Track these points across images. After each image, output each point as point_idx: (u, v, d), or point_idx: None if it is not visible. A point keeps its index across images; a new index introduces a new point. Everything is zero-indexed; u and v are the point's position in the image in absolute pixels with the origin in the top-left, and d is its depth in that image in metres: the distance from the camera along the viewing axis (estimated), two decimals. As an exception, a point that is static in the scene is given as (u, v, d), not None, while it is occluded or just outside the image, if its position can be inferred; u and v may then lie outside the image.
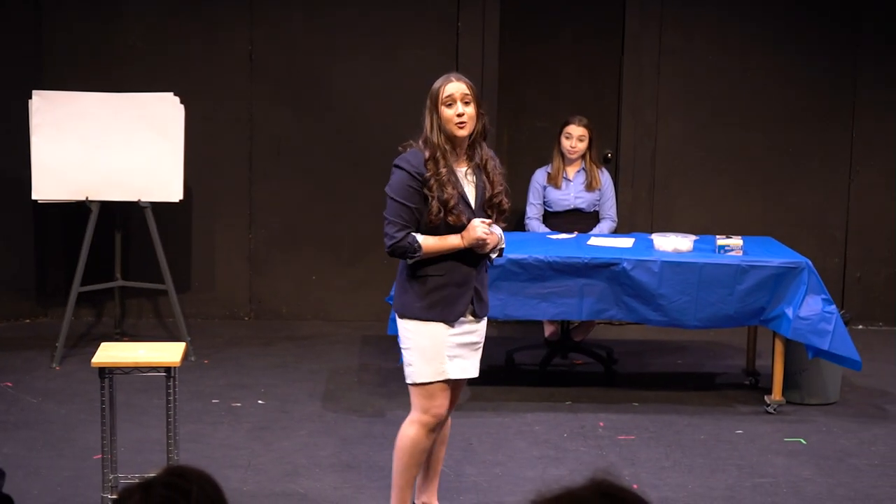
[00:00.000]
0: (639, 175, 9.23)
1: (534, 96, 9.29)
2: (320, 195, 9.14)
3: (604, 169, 8.13)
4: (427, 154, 4.90)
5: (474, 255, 4.95)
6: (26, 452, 6.17)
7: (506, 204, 5.04)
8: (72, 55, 8.84)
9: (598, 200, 8.01)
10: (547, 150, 8.14)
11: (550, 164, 8.05)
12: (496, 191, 4.99)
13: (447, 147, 4.89)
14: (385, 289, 7.60)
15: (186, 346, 5.62)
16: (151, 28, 8.93)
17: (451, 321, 4.98)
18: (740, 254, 7.00)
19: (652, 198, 9.25)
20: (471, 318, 5.05)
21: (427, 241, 4.89)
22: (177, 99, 7.93)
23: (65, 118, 7.80)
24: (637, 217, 9.15)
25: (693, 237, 7.21)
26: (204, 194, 8.99)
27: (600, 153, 8.59)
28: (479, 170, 4.99)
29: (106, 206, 8.04)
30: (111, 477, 5.34)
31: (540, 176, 8.09)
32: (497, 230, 4.98)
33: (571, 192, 7.99)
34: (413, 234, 4.89)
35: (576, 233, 7.67)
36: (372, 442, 6.40)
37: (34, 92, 7.83)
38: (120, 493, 2.04)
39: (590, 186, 7.97)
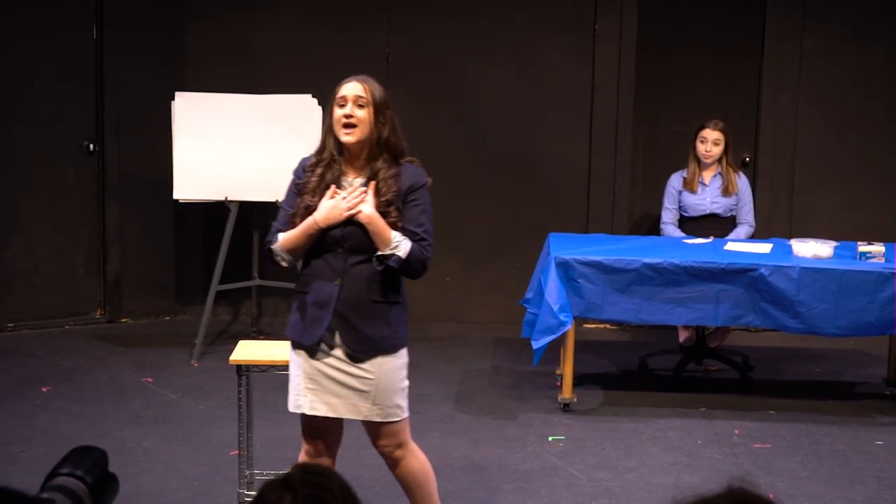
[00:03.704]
0: (777, 180, 9.08)
1: (671, 100, 9.20)
2: (454, 197, 9.15)
3: (741, 173, 8.01)
4: (314, 159, 4.61)
5: (344, 276, 4.46)
6: (166, 447, 6.30)
7: (391, 218, 4.44)
8: (213, 58, 9.00)
9: (735, 205, 7.90)
10: (684, 155, 8.05)
11: (686, 169, 7.97)
12: (380, 200, 4.44)
13: (334, 152, 4.53)
14: (519, 291, 7.61)
15: (321, 345, 5.66)
16: (290, 30, 9.05)
17: (305, 345, 4.51)
18: (882, 261, 6.84)
19: (791, 203, 9.10)
20: (341, 353, 4.48)
21: (286, 234, 4.52)
22: (315, 101, 8.01)
23: (206, 119, 7.94)
24: (775, 222, 9.00)
25: (833, 243, 7.06)
26: (340, 195, 9.06)
27: (737, 157, 8.47)
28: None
29: (244, 206, 8.16)
30: (247, 473, 5.43)
31: (675, 180, 8.00)
32: (399, 237, 4.42)
33: (708, 197, 7.89)
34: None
35: (712, 237, 7.57)
36: (504, 444, 6.40)
37: (177, 94, 7.99)
38: (262, 489, 2.05)
39: (726, 191, 7.86)
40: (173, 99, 7.96)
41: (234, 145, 7.94)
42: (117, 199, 8.93)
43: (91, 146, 8.85)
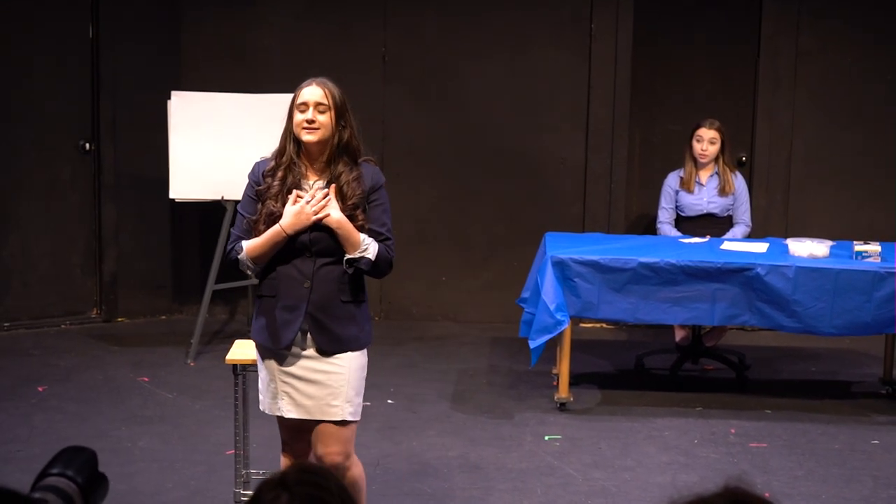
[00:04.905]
0: (774, 179, 9.08)
1: (667, 99, 9.20)
2: (452, 196, 9.16)
3: (737, 173, 8.01)
4: (272, 163, 4.59)
5: (314, 278, 4.43)
6: (161, 446, 6.29)
7: (359, 221, 4.45)
8: (210, 56, 9.00)
9: (732, 205, 7.89)
10: (680, 154, 8.06)
11: (683, 168, 7.96)
12: (346, 204, 4.45)
13: (294, 156, 4.53)
14: (516, 291, 7.60)
15: (318, 344, 5.66)
16: (286, 29, 9.04)
17: (276, 348, 4.49)
18: (878, 260, 6.84)
19: (787, 202, 9.10)
20: (313, 352, 4.50)
21: (251, 242, 4.47)
22: (311, 100, 8.00)
23: (202, 118, 7.93)
24: (772, 222, 9.00)
25: (829, 242, 7.06)
26: (336, 195, 9.06)
27: (734, 157, 8.46)
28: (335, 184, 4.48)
29: (241, 205, 8.15)
30: (243, 472, 5.42)
31: (672, 180, 8.00)
32: (367, 239, 4.44)
33: (704, 197, 7.89)
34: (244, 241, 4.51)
35: (708, 237, 7.57)
36: (500, 444, 6.40)
37: (173, 93, 7.97)
38: (258, 489, 2.04)
39: (723, 191, 7.86)
40: (169, 98, 7.95)
41: (231, 144, 7.93)
42: (113, 199, 8.93)
43: (87, 145, 8.84)
